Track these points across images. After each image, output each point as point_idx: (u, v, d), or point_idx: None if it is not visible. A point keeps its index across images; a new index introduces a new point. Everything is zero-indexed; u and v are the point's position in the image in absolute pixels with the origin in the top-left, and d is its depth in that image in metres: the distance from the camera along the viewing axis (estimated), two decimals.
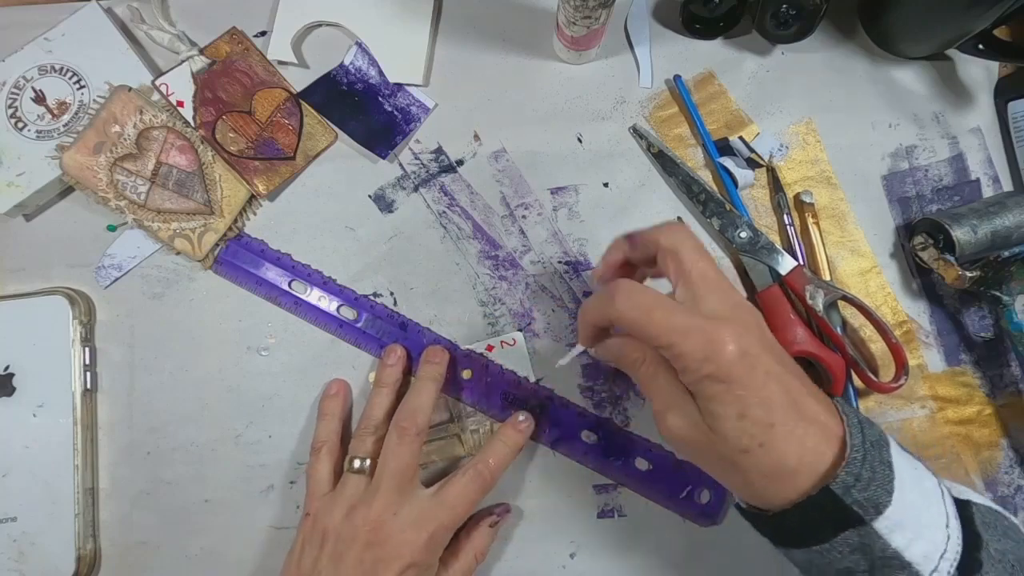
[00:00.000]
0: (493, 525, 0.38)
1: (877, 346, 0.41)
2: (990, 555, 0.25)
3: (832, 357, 0.39)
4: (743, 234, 0.41)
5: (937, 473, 0.28)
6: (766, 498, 0.27)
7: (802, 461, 0.26)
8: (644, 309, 0.27)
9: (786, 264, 0.40)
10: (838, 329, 0.39)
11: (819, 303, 0.39)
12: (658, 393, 0.29)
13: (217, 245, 0.41)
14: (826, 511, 0.25)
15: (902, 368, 0.38)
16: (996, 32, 0.40)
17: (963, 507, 0.27)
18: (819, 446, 0.26)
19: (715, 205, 0.41)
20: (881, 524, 0.25)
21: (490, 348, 0.41)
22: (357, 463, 0.36)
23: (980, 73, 0.45)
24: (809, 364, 0.41)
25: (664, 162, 0.42)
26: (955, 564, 0.25)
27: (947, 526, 0.26)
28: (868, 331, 0.41)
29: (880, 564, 0.25)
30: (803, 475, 0.26)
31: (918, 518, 0.25)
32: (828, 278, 0.41)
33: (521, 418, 0.38)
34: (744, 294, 0.42)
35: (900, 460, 0.26)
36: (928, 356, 0.41)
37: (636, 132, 0.43)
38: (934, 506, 0.26)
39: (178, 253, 0.41)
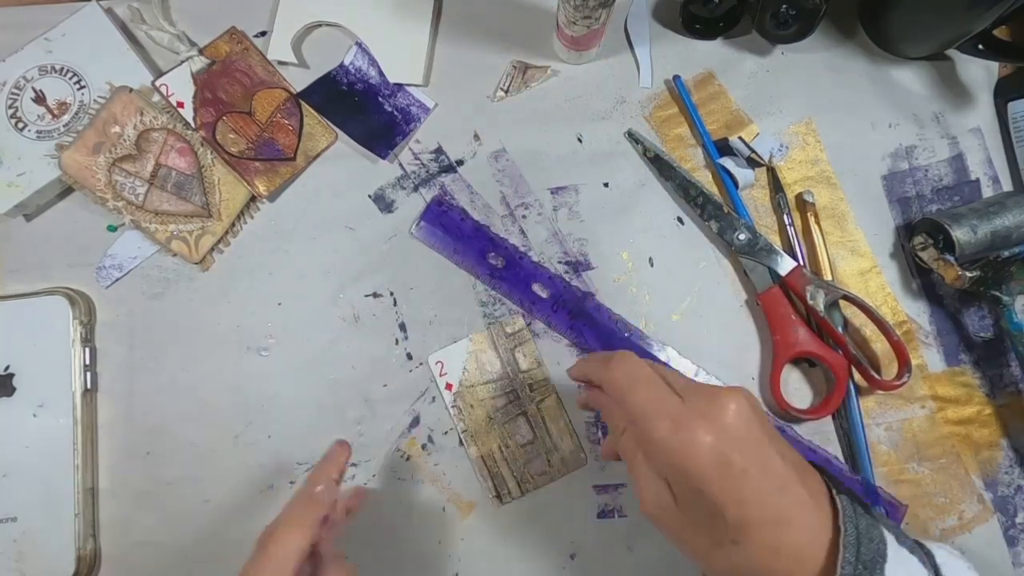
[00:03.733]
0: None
1: (879, 345, 0.41)
2: None
3: (834, 357, 0.39)
4: (742, 236, 0.40)
5: (933, 548, 0.27)
6: None
7: (779, 567, 0.25)
8: (632, 379, 0.27)
9: (785, 265, 0.40)
10: (839, 328, 0.39)
11: (820, 303, 0.39)
12: (637, 470, 0.28)
13: (213, 248, 0.41)
14: None
15: (905, 366, 0.38)
16: (996, 32, 0.40)
17: None
18: (803, 551, 0.25)
19: (713, 208, 0.41)
20: None
21: None
22: None
23: (980, 73, 0.45)
24: (811, 364, 0.41)
25: (661, 166, 0.42)
26: None
27: None
28: (869, 330, 0.41)
29: None
30: None
31: None
32: (830, 278, 0.41)
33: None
34: (747, 295, 0.42)
35: (896, 572, 0.25)
36: (928, 356, 0.41)
37: (632, 136, 0.43)
38: None
39: (175, 255, 0.41)
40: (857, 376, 0.40)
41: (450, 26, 0.44)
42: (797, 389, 0.41)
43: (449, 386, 0.39)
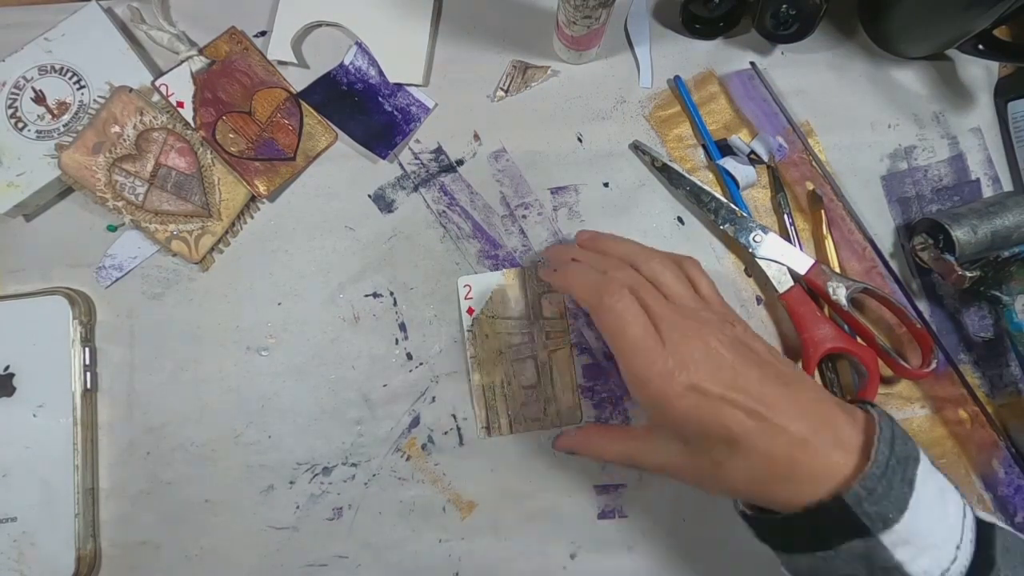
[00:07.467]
0: None
1: (898, 334, 0.41)
2: None
3: (863, 350, 0.39)
4: (758, 238, 0.40)
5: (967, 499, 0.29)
6: (775, 500, 0.28)
7: (795, 470, 0.27)
8: (621, 322, 0.30)
9: (803, 263, 0.40)
10: (862, 321, 0.39)
11: (842, 297, 0.39)
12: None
13: (213, 248, 0.41)
14: (835, 518, 0.26)
15: (930, 352, 0.38)
16: (996, 32, 0.40)
17: (986, 530, 0.27)
18: (796, 457, 0.27)
19: (727, 212, 0.41)
20: (887, 538, 0.25)
21: None
22: None
23: (980, 73, 0.45)
24: (834, 360, 0.41)
25: (670, 175, 0.42)
26: None
27: (958, 547, 0.26)
28: (887, 321, 0.41)
29: (881, 573, 0.26)
30: (803, 482, 0.27)
31: (928, 537, 0.26)
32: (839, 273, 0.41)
33: None
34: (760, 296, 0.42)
35: (927, 480, 0.27)
36: None
37: (638, 148, 0.43)
38: (951, 527, 0.26)
39: (175, 255, 0.41)
40: (883, 366, 0.40)
41: (450, 26, 0.44)
42: None
43: (471, 310, 0.41)
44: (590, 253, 0.36)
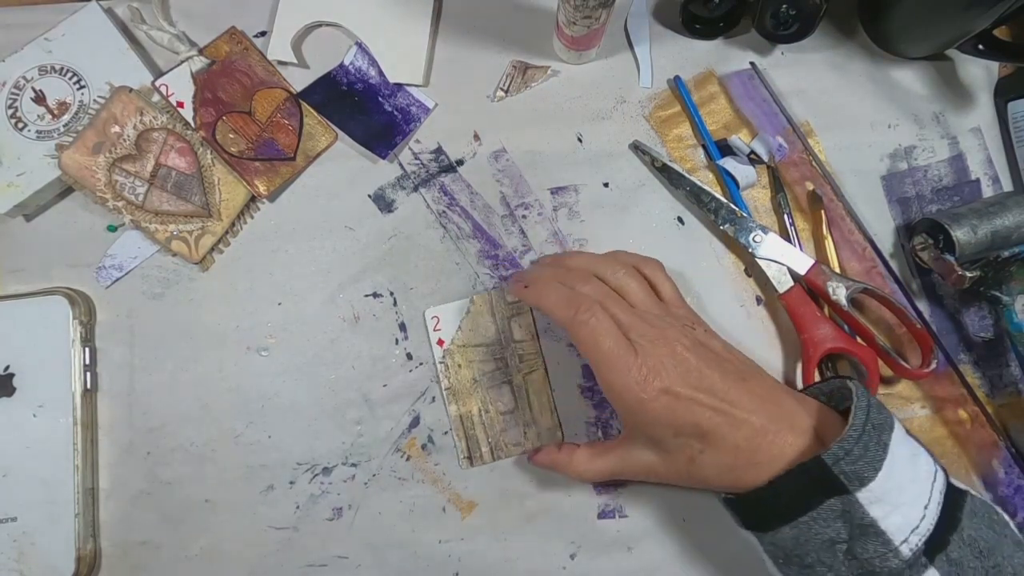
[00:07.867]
0: None
1: (899, 334, 0.41)
2: (961, 538, 0.28)
3: (863, 350, 0.39)
4: (758, 238, 0.40)
5: (943, 466, 0.31)
6: (744, 486, 0.31)
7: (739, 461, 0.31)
8: (596, 336, 0.32)
9: (803, 263, 0.40)
10: (862, 321, 0.39)
11: (842, 297, 0.39)
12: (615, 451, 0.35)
13: (213, 248, 0.41)
14: (815, 477, 0.28)
15: (930, 352, 0.38)
16: (996, 32, 0.40)
17: (956, 495, 0.29)
18: (759, 443, 0.31)
19: (727, 212, 0.41)
20: (863, 495, 0.28)
21: None
22: None
23: (980, 73, 0.45)
24: (833, 360, 0.41)
25: (670, 175, 0.42)
26: (924, 539, 0.27)
27: (926, 507, 0.28)
28: (887, 322, 0.41)
29: (858, 533, 0.28)
30: (766, 465, 0.30)
31: (899, 496, 0.28)
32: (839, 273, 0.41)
33: None
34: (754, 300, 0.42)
35: (900, 445, 0.29)
36: None
37: (638, 148, 0.43)
38: (920, 488, 0.29)
39: (175, 255, 0.41)
40: (883, 366, 0.40)
41: (450, 26, 0.44)
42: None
43: (441, 342, 0.40)
44: (557, 270, 0.36)
